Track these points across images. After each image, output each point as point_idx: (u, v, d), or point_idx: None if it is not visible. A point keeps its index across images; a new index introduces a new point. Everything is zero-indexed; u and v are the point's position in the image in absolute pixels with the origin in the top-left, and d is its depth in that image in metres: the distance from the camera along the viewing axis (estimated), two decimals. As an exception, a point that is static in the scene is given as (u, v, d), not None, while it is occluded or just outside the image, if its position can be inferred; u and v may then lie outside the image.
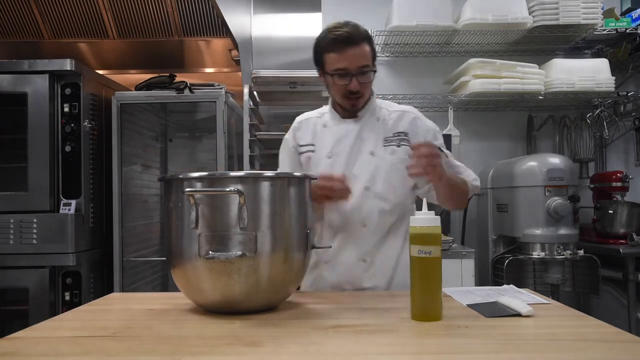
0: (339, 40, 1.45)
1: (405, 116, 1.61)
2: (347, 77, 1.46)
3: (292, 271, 1.19)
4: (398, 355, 0.90)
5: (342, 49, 1.44)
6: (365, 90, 1.50)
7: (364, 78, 1.47)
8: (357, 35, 1.45)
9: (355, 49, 1.44)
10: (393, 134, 1.57)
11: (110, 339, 0.99)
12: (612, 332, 1.01)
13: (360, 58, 1.45)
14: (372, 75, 1.50)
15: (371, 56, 1.49)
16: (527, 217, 2.57)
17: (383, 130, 1.57)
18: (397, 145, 1.55)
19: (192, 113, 3.29)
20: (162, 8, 3.26)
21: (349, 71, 1.46)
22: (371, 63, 1.49)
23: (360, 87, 1.47)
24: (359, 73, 1.46)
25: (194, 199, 1.10)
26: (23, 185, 2.54)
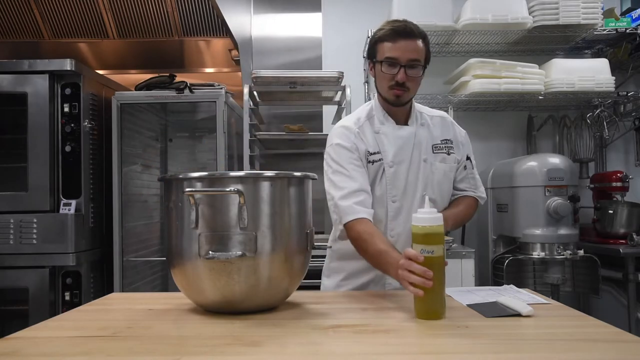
0: (395, 31, 1.47)
1: (445, 122, 1.65)
2: (396, 67, 1.46)
3: (292, 271, 1.19)
4: (398, 355, 0.90)
5: (396, 39, 1.46)
6: (411, 84, 1.49)
7: (412, 72, 1.47)
8: (414, 30, 1.48)
9: (408, 42, 1.46)
10: (440, 141, 1.60)
11: (110, 339, 0.99)
12: (612, 332, 1.01)
13: (412, 51, 1.46)
14: (422, 72, 1.49)
15: (424, 54, 1.49)
16: (527, 217, 2.57)
17: (430, 136, 1.59)
18: (447, 153, 1.60)
19: (192, 113, 3.29)
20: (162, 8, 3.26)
21: (398, 61, 1.46)
22: (422, 60, 1.49)
23: (407, 79, 1.47)
24: (408, 65, 1.46)
25: (194, 199, 1.10)
26: (23, 185, 2.54)
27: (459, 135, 1.66)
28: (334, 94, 2.92)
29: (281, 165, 3.10)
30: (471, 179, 1.66)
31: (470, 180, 1.65)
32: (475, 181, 1.67)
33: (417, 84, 1.52)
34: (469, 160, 1.66)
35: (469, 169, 1.65)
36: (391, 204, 1.53)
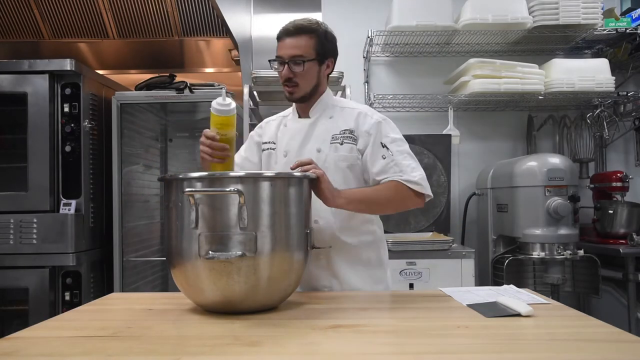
0: (281, 32, 1.55)
1: (353, 113, 1.59)
2: (282, 65, 1.53)
3: (292, 271, 1.19)
4: (398, 355, 0.90)
5: (282, 39, 1.55)
6: (300, 79, 1.53)
7: (296, 67, 1.52)
8: (299, 27, 1.53)
9: (290, 39, 1.52)
10: (340, 132, 1.56)
11: (110, 339, 0.99)
12: (612, 332, 1.01)
13: (292, 48, 1.51)
14: (304, 66, 1.51)
15: (312, 49, 1.52)
16: (527, 217, 2.57)
17: (333, 128, 1.57)
18: (340, 143, 1.55)
19: (192, 113, 3.29)
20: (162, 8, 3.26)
21: (282, 59, 1.53)
22: (310, 55, 1.52)
23: (291, 74, 1.52)
24: (291, 62, 1.51)
25: (194, 199, 1.10)
26: (23, 185, 2.54)
27: (364, 124, 1.55)
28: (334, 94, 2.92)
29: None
30: (394, 166, 1.50)
31: (393, 168, 1.50)
32: (400, 167, 1.50)
33: (307, 79, 1.54)
34: (384, 148, 1.52)
35: (387, 157, 1.51)
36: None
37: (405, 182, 1.47)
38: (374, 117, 1.57)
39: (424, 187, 1.49)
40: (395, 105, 3.15)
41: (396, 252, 2.47)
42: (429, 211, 2.86)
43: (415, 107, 3.19)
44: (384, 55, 3.23)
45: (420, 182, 1.48)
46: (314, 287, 1.54)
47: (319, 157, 1.53)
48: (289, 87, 1.55)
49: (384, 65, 3.27)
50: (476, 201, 3.04)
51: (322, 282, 1.54)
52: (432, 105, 3.15)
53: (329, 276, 1.54)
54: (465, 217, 3.05)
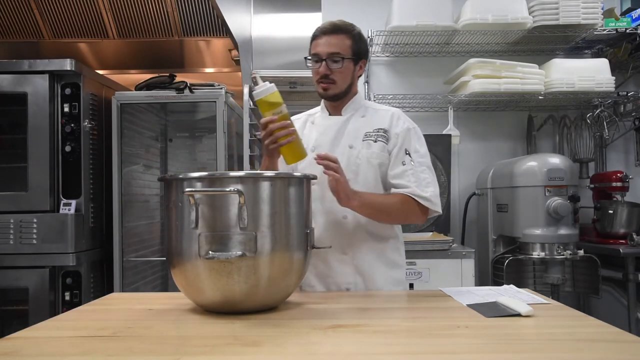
0: (319, 30, 1.57)
1: (387, 114, 1.63)
2: (319, 62, 1.55)
3: (292, 271, 1.19)
4: (398, 355, 0.90)
5: (319, 36, 1.56)
6: (337, 77, 1.55)
7: (334, 65, 1.54)
8: (337, 27, 1.56)
9: (329, 37, 1.54)
10: (373, 130, 1.59)
11: (110, 339, 0.99)
12: (612, 332, 1.01)
13: (332, 45, 1.53)
14: (343, 63, 1.54)
15: (349, 49, 1.55)
16: (527, 217, 2.57)
17: (366, 126, 1.60)
18: (374, 140, 1.57)
19: (192, 113, 3.29)
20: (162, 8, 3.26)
21: (320, 56, 1.54)
22: (347, 54, 1.54)
23: (328, 71, 1.54)
24: (330, 59, 1.53)
25: (194, 199, 1.10)
26: (23, 185, 2.54)
27: (397, 126, 1.58)
28: (334, 94, 2.92)
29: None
30: (410, 175, 1.52)
31: (409, 177, 1.52)
32: (417, 179, 1.52)
33: (343, 77, 1.57)
34: (407, 155, 1.55)
35: (407, 164, 1.53)
36: (311, 186, 1.48)
37: (416, 197, 1.51)
38: (406, 122, 1.62)
39: (433, 204, 1.52)
40: (395, 105, 3.15)
41: (396, 252, 2.47)
42: (429, 211, 2.85)
43: (415, 107, 3.19)
44: (384, 55, 3.23)
45: (431, 199, 1.52)
46: (337, 283, 1.55)
47: (351, 153, 1.56)
48: (324, 84, 1.57)
49: (384, 65, 3.27)
50: (476, 201, 3.04)
51: (346, 279, 1.55)
52: (432, 105, 3.15)
53: (355, 273, 1.55)
54: (465, 217, 3.05)
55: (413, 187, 1.51)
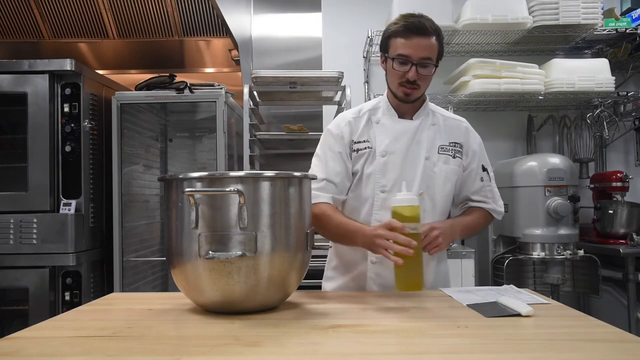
0: (408, 28, 1.44)
1: (460, 126, 1.60)
2: (408, 65, 1.45)
3: (292, 271, 1.19)
4: (398, 355, 0.90)
5: (409, 36, 1.44)
6: (422, 82, 1.48)
7: (423, 70, 1.45)
8: (428, 27, 1.45)
9: (421, 39, 1.44)
10: (449, 143, 1.55)
11: (110, 339, 0.99)
12: (612, 332, 1.01)
13: (424, 49, 1.44)
14: (433, 70, 1.47)
15: (437, 52, 1.47)
16: (527, 217, 2.57)
17: (439, 137, 1.55)
18: (453, 156, 1.55)
19: (192, 113, 3.29)
20: (162, 8, 3.26)
21: (410, 59, 1.44)
22: (435, 58, 1.47)
23: (417, 77, 1.45)
24: (420, 64, 1.44)
25: (194, 199, 1.10)
26: (23, 185, 2.54)
27: (473, 142, 1.59)
28: (334, 94, 2.92)
29: (281, 165, 3.10)
30: (488, 191, 1.60)
31: (487, 192, 1.60)
32: (493, 194, 1.61)
33: (428, 82, 1.50)
34: (485, 172, 1.59)
35: (485, 181, 1.59)
36: (379, 194, 1.50)
37: (492, 211, 1.60)
38: (477, 137, 1.63)
39: (501, 214, 1.64)
40: (395, 105, 3.15)
41: (396, 252, 2.47)
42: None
43: (415, 107, 3.18)
44: (384, 55, 3.22)
45: (502, 212, 1.64)
46: None
47: (427, 164, 1.51)
48: (408, 89, 1.48)
49: (384, 65, 3.27)
50: (476, 201, 3.04)
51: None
52: (432, 105, 3.15)
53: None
54: (465, 217, 3.04)
55: (491, 202, 1.60)
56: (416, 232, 1.21)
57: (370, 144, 1.53)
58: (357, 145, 1.54)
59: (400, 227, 1.24)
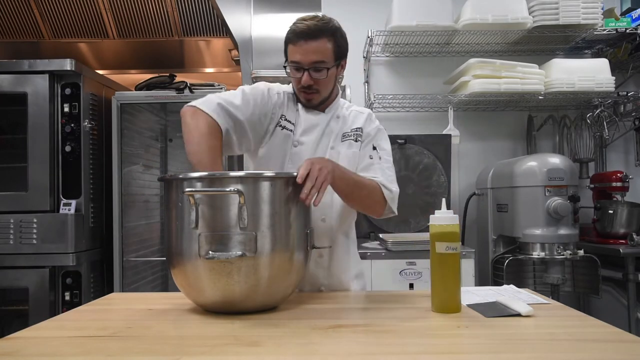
0: (296, 33, 1.42)
1: (361, 115, 1.59)
2: (300, 71, 1.43)
3: (292, 271, 1.19)
4: (398, 355, 0.90)
5: (297, 42, 1.42)
6: (320, 86, 1.46)
7: (317, 74, 1.43)
8: (317, 30, 1.41)
9: (310, 44, 1.40)
10: (351, 129, 1.54)
11: (110, 339, 0.99)
12: (612, 332, 1.01)
13: (313, 53, 1.41)
14: (327, 73, 1.44)
15: (332, 53, 1.44)
16: (527, 217, 2.57)
17: (344, 126, 1.55)
18: (355, 139, 1.53)
19: (192, 113, 3.29)
20: (162, 8, 3.26)
21: (301, 65, 1.42)
22: (330, 60, 1.44)
23: (312, 82, 1.43)
24: (312, 68, 1.42)
25: (194, 199, 1.10)
26: (23, 185, 2.54)
27: (370, 127, 1.56)
28: (334, 94, 2.92)
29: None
30: (377, 169, 1.50)
31: (376, 170, 1.49)
32: (383, 172, 1.49)
33: (326, 85, 1.48)
34: (375, 151, 1.53)
35: (375, 158, 1.51)
36: None
37: (383, 187, 1.45)
38: (376, 122, 1.59)
39: (393, 201, 1.48)
40: (395, 105, 3.15)
41: (396, 252, 2.47)
42: (429, 211, 2.85)
43: (415, 107, 3.19)
44: (384, 55, 3.23)
45: (394, 196, 1.48)
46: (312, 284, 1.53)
47: (332, 154, 1.50)
48: (307, 95, 1.47)
49: (384, 65, 3.27)
50: (476, 201, 3.04)
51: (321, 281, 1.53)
52: (432, 105, 3.15)
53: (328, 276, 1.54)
54: (465, 217, 3.05)
55: (381, 178, 1.47)
56: (455, 253, 1.16)
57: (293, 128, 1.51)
58: (286, 123, 1.51)
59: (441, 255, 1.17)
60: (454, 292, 1.18)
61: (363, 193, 1.43)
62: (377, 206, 1.47)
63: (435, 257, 1.17)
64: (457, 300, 1.18)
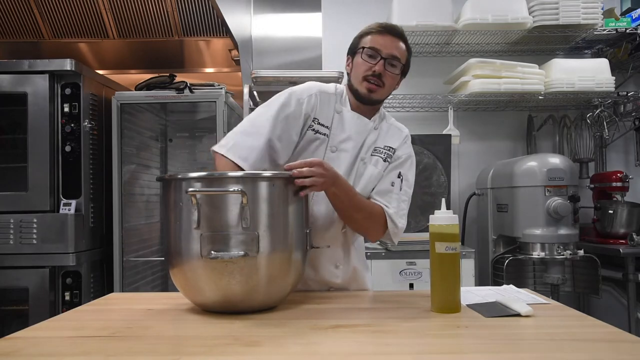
0: (383, 26, 1.45)
1: (399, 134, 1.55)
2: (377, 58, 1.42)
3: (292, 270, 1.19)
4: (398, 355, 0.90)
5: (383, 33, 1.44)
6: (387, 81, 1.44)
7: (391, 68, 1.44)
8: (402, 32, 1.47)
9: (394, 39, 1.44)
10: (384, 146, 1.50)
11: (110, 339, 0.99)
12: (612, 332, 1.01)
13: (395, 48, 1.44)
14: (399, 71, 1.46)
15: (405, 58, 1.48)
16: (527, 217, 2.57)
17: (379, 140, 1.51)
18: (384, 159, 1.49)
19: (192, 113, 3.29)
20: (162, 8, 3.26)
21: (380, 52, 1.42)
22: (403, 64, 1.47)
23: (384, 72, 1.42)
24: (389, 60, 1.43)
25: (196, 199, 1.10)
26: (23, 185, 2.54)
27: (403, 150, 1.53)
28: (334, 94, 2.92)
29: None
30: (394, 200, 1.45)
31: (393, 200, 1.45)
32: (398, 207, 1.45)
33: (392, 84, 1.47)
34: (399, 179, 1.48)
35: (396, 187, 1.47)
36: None
37: (390, 220, 1.42)
38: (410, 147, 1.56)
39: (396, 236, 1.46)
40: (395, 105, 3.15)
41: (396, 252, 2.47)
42: (429, 211, 2.86)
43: (415, 107, 3.19)
44: (384, 55, 3.22)
45: (399, 232, 1.45)
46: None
47: (360, 165, 1.47)
48: (373, 83, 1.43)
49: (384, 65, 3.27)
50: (476, 201, 3.04)
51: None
52: (432, 105, 3.15)
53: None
54: (465, 217, 3.05)
55: (392, 210, 1.43)
56: (454, 253, 1.16)
57: (329, 132, 1.46)
58: (319, 127, 1.46)
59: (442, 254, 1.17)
60: (454, 292, 1.18)
61: (359, 216, 1.40)
62: (373, 232, 1.45)
63: (435, 257, 1.17)
64: (457, 300, 1.18)
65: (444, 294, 1.17)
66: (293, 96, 1.46)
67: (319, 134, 1.45)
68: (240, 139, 1.40)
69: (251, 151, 1.37)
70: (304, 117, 1.44)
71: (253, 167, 1.35)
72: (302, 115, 1.44)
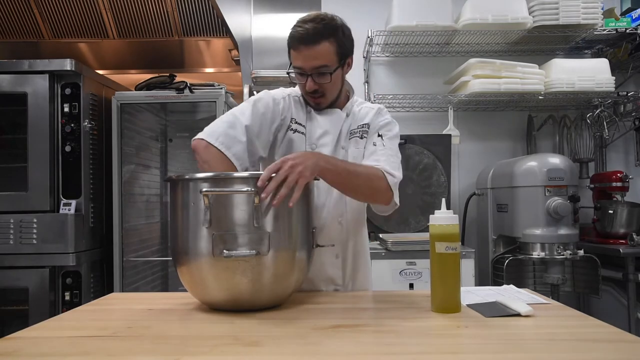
0: (296, 38, 1.38)
1: (370, 111, 1.54)
2: (305, 77, 1.40)
3: (299, 269, 1.21)
4: (398, 355, 0.90)
5: (298, 48, 1.38)
6: (326, 89, 1.43)
7: (320, 78, 1.39)
8: (317, 34, 1.36)
9: (309, 49, 1.36)
10: (357, 126, 1.51)
11: (110, 339, 0.99)
12: (612, 332, 1.01)
13: (314, 59, 1.37)
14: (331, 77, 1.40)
15: (335, 55, 1.40)
16: (527, 217, 2.57)
17: (351, 124, 1.52)
18: (360, 137, 1.49)
19: (192, 113, 3.29)
20: (162, 8, 3.26)
21: (304, 71, 1.39)
22: (333, 62, 1.40)
23: (317, 86, 1.41)
24: (315, 73, 1.39)
25: (208, 199, 1.10)
26: (23, 185, 2.54)
27: (376, 120, 1.51)
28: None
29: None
30: (382, 155, 1.43)
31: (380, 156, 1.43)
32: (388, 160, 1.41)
33: (332, 88, 1.44)
34: (379, 137, 1.47)
35: (379, 145, 1.45)
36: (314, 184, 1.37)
37: (386, 173, 1.37)
38: (386, 116, 1.54)
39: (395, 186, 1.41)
40: (395, 105, 3.15)
41: (396, 252, 2.47)
42: (429, 211, 2.86)
43: (415, 107, 3.19)
44: (384, 55, 3.23)
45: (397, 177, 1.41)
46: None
47: (341, 153, 1.48)
48: (315, 99, 1.45)
49: (384, 65, 3.27)
50: (476, 201, 3.04)
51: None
52: (432, 105, 3.15)
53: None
54: (465, 217, 3.05)
55: (384, 164, 1.39)
56: (455, 252, 1.15)
57: (305, 130, 1.47)
58: (297, 126, 1.47)
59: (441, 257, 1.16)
60: (454, 292, 1.18)
61: (359, 181, 1.34)
62: (381, 194, 1.38)
63: (435, 257, 1.17)
64: (457, 300, 1.18)
65: (444, 294, 1.17)
66: (269, 94, 1.50)
67: (297, 132, 1.48)
68: (221, 127, 1.41)
69: (234, 140, 1.38)
70: (280, 115, 1.47)
71: (236, 156, 1.38)
72: (280, 113, 1.47)
